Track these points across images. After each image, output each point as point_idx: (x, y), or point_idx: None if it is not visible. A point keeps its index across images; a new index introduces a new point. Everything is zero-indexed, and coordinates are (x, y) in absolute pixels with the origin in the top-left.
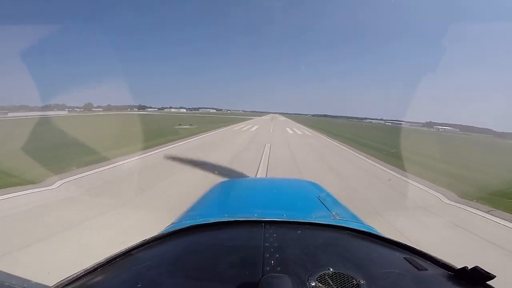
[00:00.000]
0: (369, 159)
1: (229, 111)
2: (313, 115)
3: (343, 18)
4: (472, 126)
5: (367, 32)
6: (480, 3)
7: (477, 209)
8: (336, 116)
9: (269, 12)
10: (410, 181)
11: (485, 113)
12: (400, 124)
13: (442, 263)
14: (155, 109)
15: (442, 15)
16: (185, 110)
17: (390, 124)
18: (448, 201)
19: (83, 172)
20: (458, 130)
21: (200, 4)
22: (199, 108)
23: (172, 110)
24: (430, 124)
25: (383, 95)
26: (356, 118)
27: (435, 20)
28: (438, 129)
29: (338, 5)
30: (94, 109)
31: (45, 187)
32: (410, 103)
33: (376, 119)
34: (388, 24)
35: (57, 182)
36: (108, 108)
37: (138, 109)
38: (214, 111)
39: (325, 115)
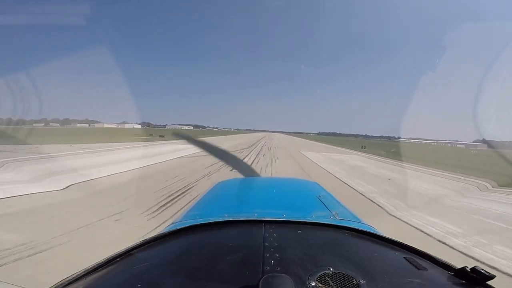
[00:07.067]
0: None
1: (215, 129)
2: (318, 133)
3: (350, 27)
4: None
5: (381, 37)
6: None
7: None
8: (348, 134)
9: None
10: None
11: None
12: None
13: (442, 263)
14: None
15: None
16: (139, 126)
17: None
18: None
19: None
20: None
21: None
22: (165, 124)
23: (106, 125)
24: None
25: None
26: (374, 136)
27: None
28: None
29: (348, 11)
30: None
31: None
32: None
33: (410, 138)
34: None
35: None
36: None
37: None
38: (191, 128)
39: (334, 133)
